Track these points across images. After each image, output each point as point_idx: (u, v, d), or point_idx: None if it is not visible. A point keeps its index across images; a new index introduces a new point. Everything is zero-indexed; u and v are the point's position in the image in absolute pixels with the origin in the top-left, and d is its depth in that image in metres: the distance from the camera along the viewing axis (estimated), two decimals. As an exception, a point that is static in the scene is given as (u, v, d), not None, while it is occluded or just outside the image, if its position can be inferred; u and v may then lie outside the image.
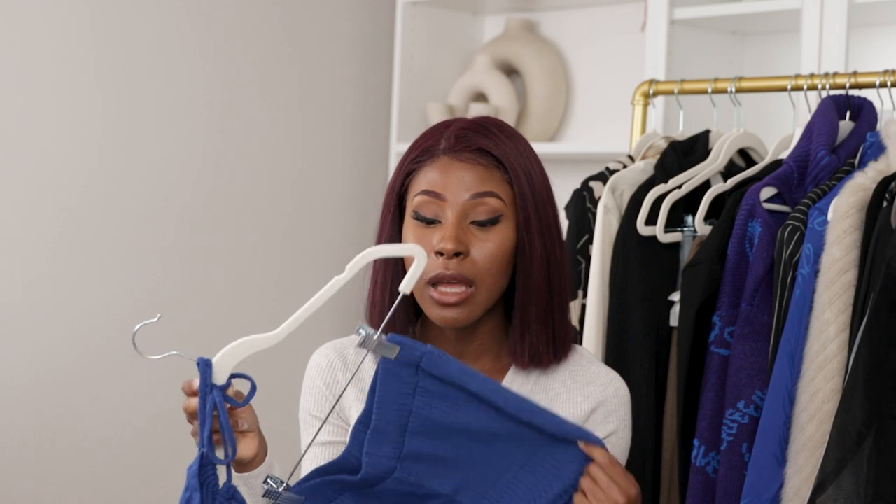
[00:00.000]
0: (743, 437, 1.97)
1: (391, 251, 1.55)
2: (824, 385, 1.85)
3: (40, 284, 2.91)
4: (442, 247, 1.64)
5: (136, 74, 3.04)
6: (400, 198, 1.71)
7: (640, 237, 2.20)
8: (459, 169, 1.66)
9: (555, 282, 1.69)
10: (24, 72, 2.87)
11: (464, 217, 1.65)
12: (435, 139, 1.69)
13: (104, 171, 3.00)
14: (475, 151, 1.66)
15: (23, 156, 2.87)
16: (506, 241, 1.66)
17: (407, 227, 1.69)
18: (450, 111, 3.36)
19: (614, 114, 3.20)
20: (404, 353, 1.48)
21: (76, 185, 2.95)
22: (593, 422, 1.72)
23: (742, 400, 1.98)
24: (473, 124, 1.70)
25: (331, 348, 1.78)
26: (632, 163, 2.38)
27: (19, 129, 2.87)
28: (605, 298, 2.23)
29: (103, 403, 3.00)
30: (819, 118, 2.10)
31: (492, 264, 1.65)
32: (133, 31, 3.03)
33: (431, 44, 3.48)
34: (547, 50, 3.38)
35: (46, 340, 2.91)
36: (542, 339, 1.70)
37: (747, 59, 3.09)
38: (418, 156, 1.69)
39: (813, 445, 1.85)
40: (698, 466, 2.03)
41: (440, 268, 1.64)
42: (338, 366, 1.75)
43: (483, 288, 1.66)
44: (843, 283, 1.86)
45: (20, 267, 2.88)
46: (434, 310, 1.67)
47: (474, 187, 1.65)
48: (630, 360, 2.16)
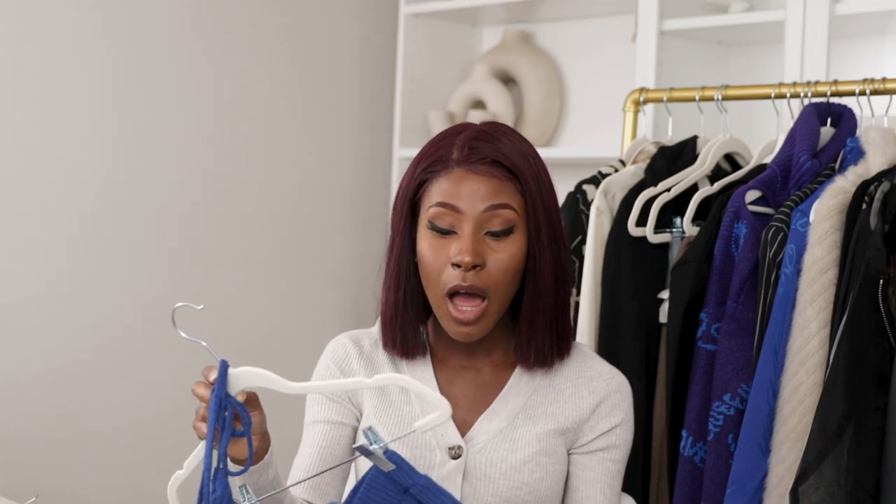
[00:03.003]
0: (729, 428, 1.97)
1: (421, 390, 1.45)
2: (806, 379, 1.85)
3: (56, 284, 2.90)
4: (460, 259, 1.61)
5: (149, 85, 3.04)
6: (412, 205, 1.68)
7: (630, 238, 2.21)
8: (474, 181, 1.63)
9: (561, 286, 1.68)
10: (41, 75, 2.86)
11: (479, 229, 1.63)
12: (446, 149, 1.66)
13: (117, 173, 2.99)
14: (488, 163, 1.63)
15: (38, 157, 2.87)
16: (518, 251, 1.64)
17: (421, 236, 1.66)
18: (450, 118, 3.36)
19: (606, 120, 3.20)
20: (398, 473, 1.43)
21: (91, 187, 2.95)
22: (598, 415, 1.71)
23: (728, 393, 1.98)
24: (483, 133, 1.66)
25: (347, 337, 1.77)
26: (623, 167, 2.38)
27: (36, 132, 2.86)
28: (598, 296, 2.23)
29: (117, 399, 3.00)
30: (801, 124, 2.10)
31: (505, 275, 1.63)
32: (147, 43, 3.03)
33: (432, 54, 3.48)
34: (542, 60, 3.38)
35: (61, 338, 2.91)
36: (548, 343, 1.69)
37: (733, 68, 3.09)
38: (430, 165, 1.66)
39: (795, 436, 1.85)
40: (686, 456, 2.03)
41: (458, 279, 1.62)
42: (353, 354, 1.74)
43: (496, 299, 1.64)
44: (825, 282, 1.87)
45: (37, 266, 2.87)
46: (451, 325, 1.65)
47: (489, 199, 1.63)
48: (621, 355, 2.16)
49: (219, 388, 1.42)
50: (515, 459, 1.67)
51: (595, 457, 1.71)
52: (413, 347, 1.71)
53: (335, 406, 1.72)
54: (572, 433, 1.71)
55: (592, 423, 1.71)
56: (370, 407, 1.72)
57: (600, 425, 1.71)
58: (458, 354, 1.73)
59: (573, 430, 1.71)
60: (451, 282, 1.62)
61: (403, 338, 1.70)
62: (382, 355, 1.74)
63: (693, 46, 3.01)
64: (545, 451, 1.68)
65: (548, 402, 1.71)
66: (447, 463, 1.66)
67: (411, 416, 1.70)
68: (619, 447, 1.72)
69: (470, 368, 1.73)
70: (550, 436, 1.69)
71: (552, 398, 1.71)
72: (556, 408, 1.71)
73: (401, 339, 1.70)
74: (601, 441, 1.71)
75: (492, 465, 1.67)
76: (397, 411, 1.71)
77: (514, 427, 1.69)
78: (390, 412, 1.71)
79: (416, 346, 1.71)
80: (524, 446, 1.68)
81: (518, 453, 1.67)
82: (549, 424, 1.70)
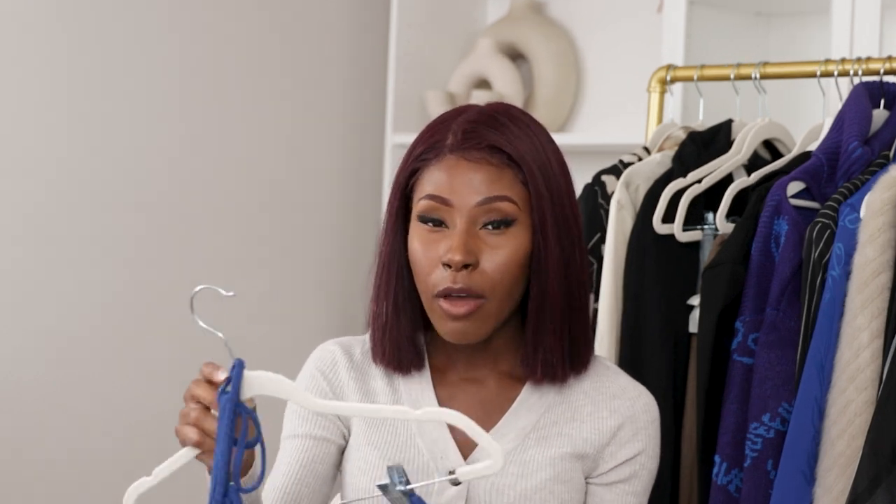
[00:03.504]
0: (768, 453, 1.97)
1: (475, 431, 1.44)
2: (856, 396, 1.85)
3: (5, 284, 2.91)
4: (449, 258, 1.61)
5: (108, 59, 3.04)
6: (405, 198, 1.68)
7: (656, 236, 2.21)
8: (467, 170, 1.62)
9: (573, 288, 1.67)
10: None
11: (473, 224, 1.63)
12: (442, 133, 1.65)
13: (72, 161, 2.99)
14: (485, 149, 1.63)
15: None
16: (520, 247, 1.64)
17: (413, 231, 1.66)
18: (450, 100, 3.36)
19: (628, 102, 3.20)
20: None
21: (43, 177, 2.95)
22: (620, 440, 1.71)
23: (767, 413, 1.98)
24: (483, 116, 1.66)
25: (336, 344, 1.77)
26: (648, 155, 2.38)
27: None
28: (619, 303, 2.23)
29: (77, 403, 3.00)
30: (851, 107, 2.10)
31: (503, 275, 1.63)
32: (105, 10, 3.03)
33: (430, 26, 3.48)
34: (555, 32, 3.38)
35: (11, 341, 2.91)
36: (557, 354, 1.68)
37: (773, 42, 3.09)
38: (423, 152, 1.66)
39: (844, 462, 1.85)
40: (720, 485, 2.03)
41: (448, 281, 1.62)
42: (342, 362, 1.74)
43: (495, 300, 1.63)
44: (877, 286, 1.86)
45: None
46: (443, 324, 1.65)
47: (484, 191, 1.62)
48: (645, 369, 2.16)
49: (234, 390, 1.42)
50: (525, 486, 1.67)
51: (615, 490, 1.71)
52: (407, 360, 1.71)
53: (319, 420, 1.72)
54: (590, 459, 1.71)
55: (613, 448, 1.71)
56: (361, 422, 1.72)
57: (622, 452, 1.71)
58: (460, 366, 1.73)
59: (592, 456, 1.70)
60: (440, 283, 1.62)
61: (395, 349, 1.70)
62: (375, 367, 1.74)
63: (727, 17, 3.01)
64: (560, 478, 1.68)
65: (563, 422, 1.71)
66: (447, 490, 1.66)
67: (407, 434, 1.70)
68: (641, 478, 1.72)
69: (473, 382, 1.73)
70: (566, 460, 1.69)
71: (568, 417, 1.71)
72: (572, 428, 1.71)
73: (391, 350, 1.70)
74: (622, 471, 1.71)
75: (498, 494, 1.67)
76: (391, 428, 1.71)
77: (524, 449, 1.69)
78: (383, 429, 1.71)
79: (411, 359, 1.71)
80: (535, 471, 1.68)
81: (528, 479, 1.67)
82: (564, 447, 1.69)
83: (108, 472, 3.04)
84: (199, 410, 1.47)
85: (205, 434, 1.47)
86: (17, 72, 2.92)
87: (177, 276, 3.16)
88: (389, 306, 1.69)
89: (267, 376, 1.45)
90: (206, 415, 1.48)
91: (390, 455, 1.68)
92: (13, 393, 2.92)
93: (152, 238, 3.13)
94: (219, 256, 3.25)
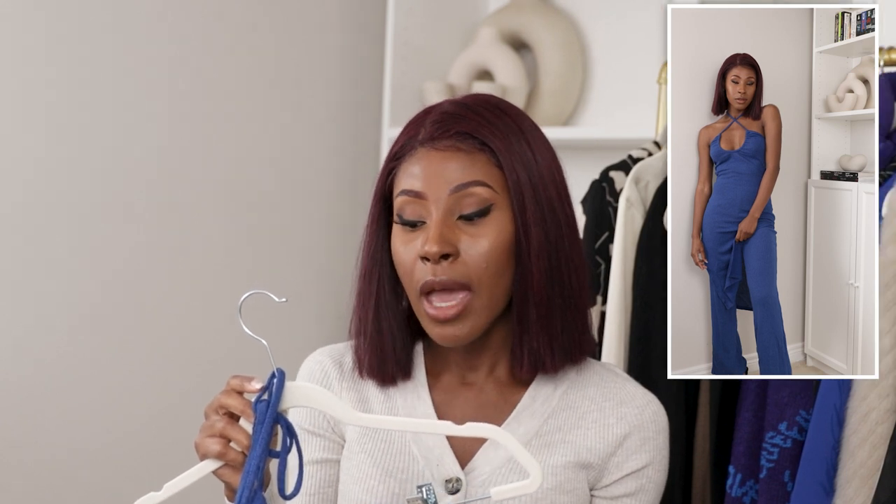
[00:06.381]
0: (785, 464, 1.97)
1: (517, 450, 1.48)
2: (878, 404, 1.85)
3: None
4: (426, 250, 1.62)
5: (89, 45, 3.04)
6: (386, 201, 1.71)
7: (666, 234, 2.20)
8: (438, 160, 1.65)
9: (559, 275, 1.67)
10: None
11: (449, 214, 1.64)
12: (416, 129, 1.68)
13: (68, 161, 2.99)
14: (453, 136, 1.65)
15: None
16: (502, 232, 1.64)
17: (394, 234, 1.68)
18: (450, 91, 3.36)
19: (638, 94, 3.20)
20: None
21: (23, 174, 2.95)
22: (627, 449, 1.71)
23: (784, 421, 1.98)
24: (455, 106, 1.68)
25: (326, 354, 1.78)
26: (658, 150, 2.39)
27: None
28: (628, 304, 2.23)
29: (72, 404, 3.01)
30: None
31: (487, 262, 1.63)
32: (93, 2, 3.03)
33: (429, 14, 3.48)
34: (561, 21, 3.37)
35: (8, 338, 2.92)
36: (545, 343, 1.68)
37: (789, 31, 3.09)
38: (398, 151, 1.69)
39: (865, 473, 1.85)
40: (734, 497, 2.04)
41: (428, 274, 1.63)
42: (333, 375, 1.75)
43: (482, 291, 1.64)
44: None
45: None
46: (432, 328, 1.66)
47: (456, 178, 1.64)
48: (656, 374, 2.16)
49: (276, 397, 1.44)
50: (526, 496, 1.66)
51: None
52: (391, 372, 1.72)
53: (321, 442, 1.74)
54: (596, 469, 1.71)
55: (619, 458, 1.71)
56: (355, 430, 1.72)
57: (629, 463, 1.71)
58: (455, 369, 1.73)
59: (597, 465, 1.70)
60: (422, 278, 1.64)
61: (378, 361, 1.71)
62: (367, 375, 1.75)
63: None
64: (563, 488, 1.68)
65: (567, 428, 1.71)
66: (443, 499, 1.66)
67: (402, 442, 1.70)
68: (648, 492, 1.72)
69: (470, 386, 1.73)
70: (570, 469, 1.69)
71: (573, 423, 1.71)
72: (576, 435, 1.71)
73: (370, 361, 1.71)
74: (628, 484, 1.71)
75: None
76: (385, 435, 1.72)
77: None
78: (377, 436, 1.72)
79: (395, 371, 1.72)
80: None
81: (530, 489, 1.67)
82: (568, 455, 1.70)
83: (106, 472, 3.05)
84: (226, 420, 1.50)
85: (229, 446, 1.50)
86: (17, 71, 2.92)
87: (172, 275, 3.17)
88: (370, 315, 1.70)
89: (307, 387, 1.48)
90: (233, 424, 1.51)
91: (384, 463, 1.69)
92: (9, 392, 2.92)
93: (147, 236, 3.13)
94: (213, 252, 3.25)
